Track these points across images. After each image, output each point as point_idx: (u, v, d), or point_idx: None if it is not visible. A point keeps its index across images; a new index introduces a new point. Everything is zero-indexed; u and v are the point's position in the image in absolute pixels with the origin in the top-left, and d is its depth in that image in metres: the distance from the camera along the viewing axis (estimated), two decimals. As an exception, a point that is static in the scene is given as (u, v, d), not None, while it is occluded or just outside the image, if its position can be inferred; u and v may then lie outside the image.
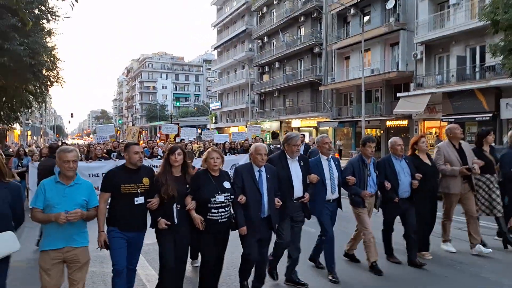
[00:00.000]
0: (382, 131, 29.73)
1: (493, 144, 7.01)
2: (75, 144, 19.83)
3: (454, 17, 22.95)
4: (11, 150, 20.84)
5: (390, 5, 25.89)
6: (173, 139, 19.16)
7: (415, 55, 25.35)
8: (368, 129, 30.77)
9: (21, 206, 3.82)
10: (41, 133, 70.94)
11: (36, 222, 3.97)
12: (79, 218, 3.81)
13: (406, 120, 26.80)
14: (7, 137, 36.95)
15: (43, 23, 15.66)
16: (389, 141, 6.34)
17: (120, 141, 27.32)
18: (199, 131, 32.05)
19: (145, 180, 4.49)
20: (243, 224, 4.66)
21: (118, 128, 53.19)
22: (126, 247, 4.41)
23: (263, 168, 4.86)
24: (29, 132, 54.27)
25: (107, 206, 4.45)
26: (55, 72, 20.26)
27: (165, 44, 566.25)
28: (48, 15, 11.72)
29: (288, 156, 5.23)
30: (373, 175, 5.93)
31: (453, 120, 23.01)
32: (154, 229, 4.60)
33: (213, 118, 61.06)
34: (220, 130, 50.31)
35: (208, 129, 45.45)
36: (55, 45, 19.52)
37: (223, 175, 4.76)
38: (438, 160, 6.59)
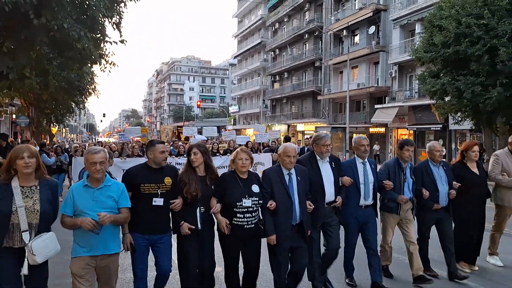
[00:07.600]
0: (366, 136, 34.33)
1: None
2: (100, 142, 22.23)
3: (418, 44, 27.49)
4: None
5: (371, 31, 31.00)
6: (184, 139, 20.30)
7: (390, 73, 30.13)
8: (358, 134, 35.50)
9: (57, 204, 3.70)
10: (78, 131, 78.25)
11: (66, 229, 3.65)
12: (108, 221, 3.48)
13: (383, 127, 31.44)
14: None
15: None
16: (427, 145, 5.80)
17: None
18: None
19: (167, 180, 4.23)
20: (272, 232, 4.28)
21: (147, 127, 58.70)
22: (147, 252, 4.23)
23: (293, 171, 4.50)
24: (64, 130, 61.21)
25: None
26: (93, 86, 26.73)
27: (193, 48, 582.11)
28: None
29: (318, 157, 4.95)
30: (409, 180, 5.47)
31: (415, 129, 27.83)
32: (175, 234, 4.34)
33: (232, 120, 66.48)
34: (238, 131, 55.44)
35: (226, 130, 50.34)
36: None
37: (252, 177, 4.44)
38: (494, 169, 6.09)
